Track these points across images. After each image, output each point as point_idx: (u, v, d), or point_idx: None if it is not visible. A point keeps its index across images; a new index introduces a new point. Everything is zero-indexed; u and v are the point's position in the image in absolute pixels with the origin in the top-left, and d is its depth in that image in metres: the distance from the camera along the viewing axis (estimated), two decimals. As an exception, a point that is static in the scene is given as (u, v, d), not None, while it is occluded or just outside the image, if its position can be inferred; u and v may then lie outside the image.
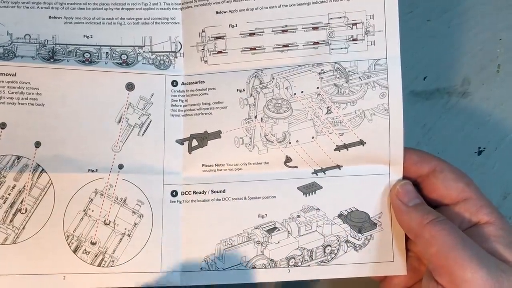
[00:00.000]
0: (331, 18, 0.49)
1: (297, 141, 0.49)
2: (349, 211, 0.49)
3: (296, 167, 0.50)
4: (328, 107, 0.49)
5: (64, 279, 0.48)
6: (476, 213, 0.46)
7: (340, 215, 0.49)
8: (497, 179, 0.57)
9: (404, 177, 0.49)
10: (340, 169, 0.49)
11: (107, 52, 0.50)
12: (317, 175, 0.49)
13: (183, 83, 0.50)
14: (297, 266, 0.49)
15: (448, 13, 0.57)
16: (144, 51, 0.51)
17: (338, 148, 0.49)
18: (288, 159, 0.50)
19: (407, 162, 0.48)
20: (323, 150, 0.49)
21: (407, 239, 0.49)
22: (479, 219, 0.46)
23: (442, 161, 0.48)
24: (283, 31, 0.49)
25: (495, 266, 0.41)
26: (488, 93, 0.57)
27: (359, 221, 0.49)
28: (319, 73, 0.49)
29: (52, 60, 0.50)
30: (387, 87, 0.48)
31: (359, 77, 0.49)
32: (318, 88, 0.49)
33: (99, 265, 0.49)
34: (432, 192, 0.48)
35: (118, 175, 0.49)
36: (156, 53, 0.51)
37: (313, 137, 0.49)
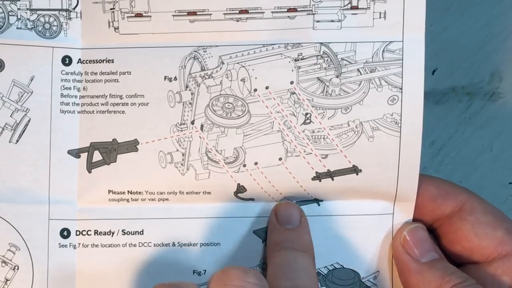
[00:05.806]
0: (319, -29, 0.37)
1: (255, 163, 0.39)
2: (330, 268, 0.40)
3: (253, 199, 0.40)
4: (306, 113, 0.38)
5: None
6: (520, 276, 0.40)
7: (317, 274, 0.39)
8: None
9: (415, 219, 0.40)
10: (319, 205, 0.40)
11: (-42, 9, 0.38)
12: (284, 213, 0.40)
13: (80, 61, 0.39)
14: None
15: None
16: (19, 8, 0.39)
17: (318, 177, 0.39)
18: (240, 189, 0.39)
19: (420, 197, 0.40)
20: (295, 178, 0.39)
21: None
22: (523, 285, 0.40)
23: (473, 195, 0.40)
24: (241, -13, 0.38)
25: None
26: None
27: (344, 284, 0.40)
28: (295, 60, 0.38)
29: None
30: (401, 88, 0.37)
31: (358, 69, 0.38)
32: (292, 82, 0.38)
33: None
34: (456, 242, 0.40)
35: (-22, 205, 0.40)
36: (37, 12, 0.39)
37: (280, 159, 0.39)
